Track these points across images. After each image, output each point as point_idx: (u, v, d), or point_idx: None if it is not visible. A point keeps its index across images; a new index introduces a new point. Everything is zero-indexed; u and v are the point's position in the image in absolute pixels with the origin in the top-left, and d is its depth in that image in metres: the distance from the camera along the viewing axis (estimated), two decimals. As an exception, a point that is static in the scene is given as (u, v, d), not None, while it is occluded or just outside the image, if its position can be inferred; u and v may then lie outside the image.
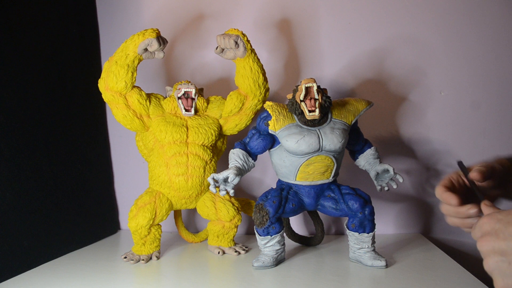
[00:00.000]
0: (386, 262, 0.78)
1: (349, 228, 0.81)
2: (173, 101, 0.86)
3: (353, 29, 1.02)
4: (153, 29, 0.81)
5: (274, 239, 0.80)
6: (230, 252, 0.89)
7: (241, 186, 1.06)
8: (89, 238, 0.98)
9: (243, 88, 0.85)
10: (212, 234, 0.90)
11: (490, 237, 0.44)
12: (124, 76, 0.80)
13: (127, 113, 0.83)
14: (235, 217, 0.88)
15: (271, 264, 0.80)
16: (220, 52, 0.82)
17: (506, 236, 0.43)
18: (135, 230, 0.84)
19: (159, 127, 0.84)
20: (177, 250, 0.94)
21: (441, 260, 0.83)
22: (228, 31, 0.82)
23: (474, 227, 0.46)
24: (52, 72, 0.91)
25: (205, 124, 0.87)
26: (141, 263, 0.84)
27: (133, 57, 0.80)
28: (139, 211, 0.84)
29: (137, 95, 0.83)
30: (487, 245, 0.44)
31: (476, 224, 0.46)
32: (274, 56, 1.02)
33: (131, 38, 0.81)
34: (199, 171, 0.85)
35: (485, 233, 0.44)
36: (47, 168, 0.88)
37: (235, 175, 0.76)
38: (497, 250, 0.43)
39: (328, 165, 0.81)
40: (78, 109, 0.98)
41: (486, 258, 0.44)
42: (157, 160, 0.86)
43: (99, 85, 0.83)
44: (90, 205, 1.00)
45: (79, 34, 1.01)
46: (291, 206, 0.81)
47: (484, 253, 0.44)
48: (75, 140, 0.97)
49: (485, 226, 0.44)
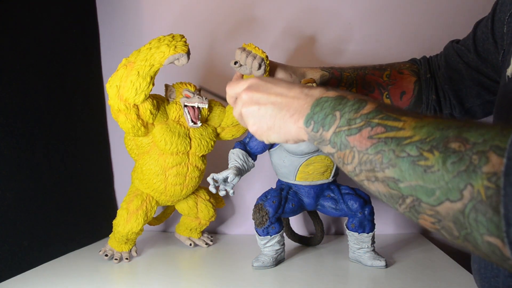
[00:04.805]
0: (385, 262, 0.78)
1: (349, 228, 0.81)
2: (179, 109, 0.82)
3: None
4: (184, 42, 0.73)
5: (273, 239, 0.80)
6: (201, 243, 0.96)
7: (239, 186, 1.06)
8: (89, 238, 0.98)
9: None
10: (184, 226, 0.95)
11: (251, 89, 0.53)
12: (145, 89, 0.73)
13: (136, 124, 0.77)
14: (213, 216, 0.94)
15: (271, 264, 0.80)
16: (237, 67, 0.76)
17: (264, 89, 0.52)
18: (125, 234, 0.83)
19: (164, 137, 0.80)
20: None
21: (441, 261, 0.83)
22: (249, 47, 0.76)
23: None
24: (51, 71, 0.91)
25: (206, 135, 0.85)
26: (124, 261, 0.85)
27: (157, 68, 0.73)
28: (131, 216, 0.82)
29: (150, 106, 0.77)
30: (247, 95, 0.52)
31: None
32: (274, 54, 1.02)
33: (157, 47, 0.72)
34: (195, 181, 0.86)
35: (249, 86, 0.53)
36: (47, 168, 0.88)
37: (235, 175, 0.76)
38: (254, 100, 0.52)
39: (328, 165, 0.81)
40: (78, 109, 0.98)
41: (244, 106, 0.53)
42: (153, 168, 0.82)
43: (109, 91, 0.75)
44: (90, 205, 1.00)
45: (79, 33, 1.00)
46: (290, 206, 0.81)
47: (244, 101, 0.53)
48: (75, 140, 0.97)
49: (250, 81, 0.54)
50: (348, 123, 0.43)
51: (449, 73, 0.78)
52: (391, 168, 0.37)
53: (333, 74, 0.82)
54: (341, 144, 0.43)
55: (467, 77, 0.75)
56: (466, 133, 0.33)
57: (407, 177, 0.36)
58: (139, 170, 0.84)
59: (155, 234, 1.06)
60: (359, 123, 0.42)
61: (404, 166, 0.36)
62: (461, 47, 0.76)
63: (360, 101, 0.44)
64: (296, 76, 0.79)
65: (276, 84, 0.52)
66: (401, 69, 0.82)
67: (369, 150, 0.40)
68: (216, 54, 1.06)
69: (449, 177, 0.33)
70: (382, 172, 0.38)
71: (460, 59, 0.76)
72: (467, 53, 0.74)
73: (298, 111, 0.48)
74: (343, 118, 0.43)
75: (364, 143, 0.40)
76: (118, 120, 0.78)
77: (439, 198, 0.34)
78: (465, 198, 0.32)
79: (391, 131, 0.39)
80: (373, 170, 0.39)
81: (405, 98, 0.81)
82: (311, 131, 0.47)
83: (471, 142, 0.33)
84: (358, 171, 0.42)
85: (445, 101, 0.80)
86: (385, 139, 0.39)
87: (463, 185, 0.32)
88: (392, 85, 0.81)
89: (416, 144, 0.36)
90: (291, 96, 0.50)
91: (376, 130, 0.40)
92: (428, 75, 0.81)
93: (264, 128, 0.52)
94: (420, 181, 0.35)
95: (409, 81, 0.81)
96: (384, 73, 0.82)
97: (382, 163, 0.38)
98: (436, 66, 0.82)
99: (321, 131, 0.46)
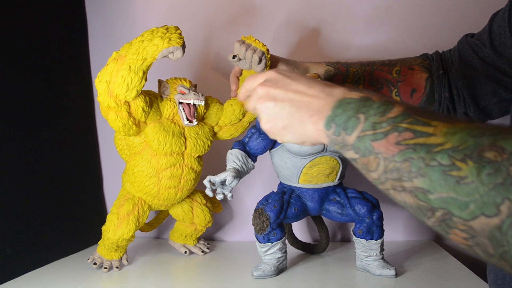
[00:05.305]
0: (395, 271, 0.77)
1: (356, 234, 0.80)
2: (173, 106, 0.82)
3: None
4: (179, 35, 0.73)
5: (275, 246, 0.79)
6: (196, 251, 0.95)
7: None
8: (77, 245, 0.97)
9: None
10: (179, 232, 0.94)
11: (269, 84, 0.52)
12: (137, 84, 0.73)
13: (127, 122, 0.76)
14: (210, 221, 0.93)
15: (272, 273, 0.79)
16: (236, 61, 0.76)
17: (282, 85, 0.51)
18: (115, 241, 0.82)
19: (157, 137, 0.80)
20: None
21: (455, 269, 0.82)
22: (249, 39, 0.77)
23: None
24: (35, 66, 0.90)
25: (203, 134, 0.84)
26: (114, 270, 0.84)
27: (150, 62, 0.73)
28: (121, 222, 0.81)
29: (142, 103, 0.76)
30: (263, 89, 0.52)
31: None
32: (276, 48, 1.02)
33: (149, 40, 0.72)
34: (191, 183, 0.86)
35: (267, 80, 0.53)
36: (31, 170, 0.86)
37: (233, 177, 0.75)
38: (271, 95, 0.51)
39: (333, 166, 0.81)
40: (64, 106, 0.97)
41: (259, 101, 0.52)
42: (145, 170, 0.82)
43: (99, 87, 0.74)
44: (77, 209, 0.99)
45: (65, 24, 0.98)
46: (293, 210, 0.81)
47: (259, 96, 0.52)
48: (61, 139, 0.96)
49: (268, 75, 0.54)
50: (373, 127, 0.42)
51: (463, 69, 0.78)
52: (420, 178, 0.37)
53: (338, 70, 0.82)
54: (365, 150, 0.42)
55: (483, 74, 0.75)
56: (502, 141, 0.33)
57: (437, 188, 0.35)
58: (131, 172, 0.83)
59: (148, 241, 1.05)
60: (385, 127, 0.41)
61: (434, 176, 0.35)
62: (476, 41, 0.76)
63: (387, 103, 0.43)
64: (299, 71, 0.79)
65: (295, 80, 0.51)
66: (412, 65, 0.82)
67: (396, 158, 0.39)
68: (213, 47, 1.05)
69: (485, 190, 0.32)
70: (410, 181, 0.38)
71: (475, 54, 0.76)
72: (482, 48, 0.74)
73: (318, 111, 0.48)
74: (367, 122, 0.42)
75: (391, 150, 0.39)
76: (107, 118, 0.77)
77: (473, 212, 0.33)
78: (503, 214, 0.31)
79: (420, 137, 0.38)
80: (400, 179, 0.39)
81: (415, 96, 0.81)
82: (332, 135, 0.46)
83: (507, 151, 0.32)
84: (384, 180, 0.41)
85: (459, 99, 0.80)
86: (413, 145, 0.38)
87: (500, 199, 0.31)
88: (402, 81, 0.81)
89: (447, 152, 0.35)
90: (311, 94, 0.49)
91: (404, 135, 0.39)
92: (441, 71, 0.80)
93: (279, 126, 0.51)
94: (452, 193, 0.34)
95: (420, 78, 0.81)
96: (393, 69, 0.82)
97: (411, 172, 0.37)
98: (450, 62, 0.81)
99: (343, 134, 0.45)
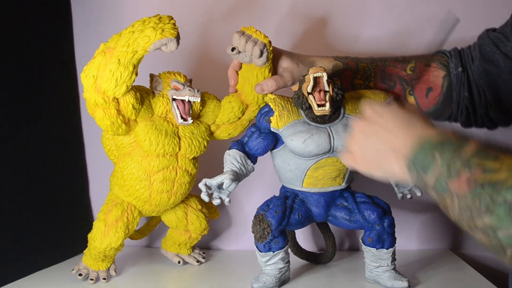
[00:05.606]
0: (408, 283, 0.76)
1: (365, 243, 0.79)
2: (167, 103, 0.80)
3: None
4: (173, 25, 0.72)
5: (277, 255, 0.78)
6: (191, 261, 0.95)
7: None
8: (60, 255, 0.96)
9: (248, 97, 0.84)
10: (172, 240, 0.93)
11: (369, 122, 0.56)
12: (127, 79, 0.72)
13: (116, 120, 0.75)
14: (205, 228, 0.91)
15: (274, 285, 0.78)
16: (235, 54, 0.76)
17: (383, 123, 0.55)
18: (102, 250, 0.81)
19: (148, 137, 0.78)
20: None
21: (473, 280, 0.82)
22: (250, 30, 0.76)
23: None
24: (15, 60, 0.89)
25: (198, 134, 0.83)
26: (101, 282, 0.83)
27: (141, 55, 0.72)
28: (109, 229, 0.80)
29: (132, 99, 0.75)
30: (363, 125, 0.57)
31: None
32: (279, 40, 1.02)
33: (141, 31, 0.71)
34: (185, 187, 0.84)
35: (367, 117, 0.57)
36: (11, 173, 0.86)
37: (231, 180, 0.74)
38: (367, 131, 0.56)
39: (340, 169, 0.79)
40: (47, 103, 0.96)
41: (354, 136, 0.57)
42: (136, 172, 0.81)
43: (85, 82, 0.73)
44: (61, 215, 0.98)
45: (48, 14, 0.98)
46: (297, 217, 0.79)
47: (357, 131, 0.57)
48: (44, 139, 0.95)
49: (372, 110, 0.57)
50: (448, 166, 0.44)
51: (484, 65, 0.77)
52: (489, 215, 0.39)
53: (347, 65, 0.82)
54: (442, 190, 0.45)
55: (506, 70, 0.74)
56: None
57: (504, 225, 0.37)
58: (119, 174, 0.83)
59: (138, 250, 1.05)
60: (458, 165, 0.43)
61: (501, 212, 0.37)
62: (499, 35, 0.75)
63: (462, 140, 0.46)
64: (304, 65, 0.79)
65: (383, 116, 0.55)
66: (428, 62, 0.81)
67: (468, 196, 0.41)
68: (210, 39, 1.05)
69: None
70: (480, 219, 0.40)
71: (497, 49, 0.75)
72: (505, 42, 0.73)
73: (399, 151, 0.52)
74: (442, 161, 0.45)
75: (463, 188, 0.42)
76: (94, 116, 0.76)
77: None
78: None
79: (488, 172, 0.40)
80: (472, 217, 0.41)
81: (431, 95, 0.80)
82: (415, 177, 0.50)
83: None
84: (460, 219, 0.43)
85: (480, 99, 0.78)
86: (482, 182, 0.40)
87: None
88: (417, 79, 0.80)
89: None
90: (390, 131, 0.53)
91: (474, 173, 0.41)
92: (460, 69, 0.79)
93: (369, 161, 0.56)
94: None
95: (437, 76, 0.80)
96: (407, 65, 0.81)
97: (480, 209, 0.40)
98: (469, 59, 0.80)
99: (422, 175, 0.48)
